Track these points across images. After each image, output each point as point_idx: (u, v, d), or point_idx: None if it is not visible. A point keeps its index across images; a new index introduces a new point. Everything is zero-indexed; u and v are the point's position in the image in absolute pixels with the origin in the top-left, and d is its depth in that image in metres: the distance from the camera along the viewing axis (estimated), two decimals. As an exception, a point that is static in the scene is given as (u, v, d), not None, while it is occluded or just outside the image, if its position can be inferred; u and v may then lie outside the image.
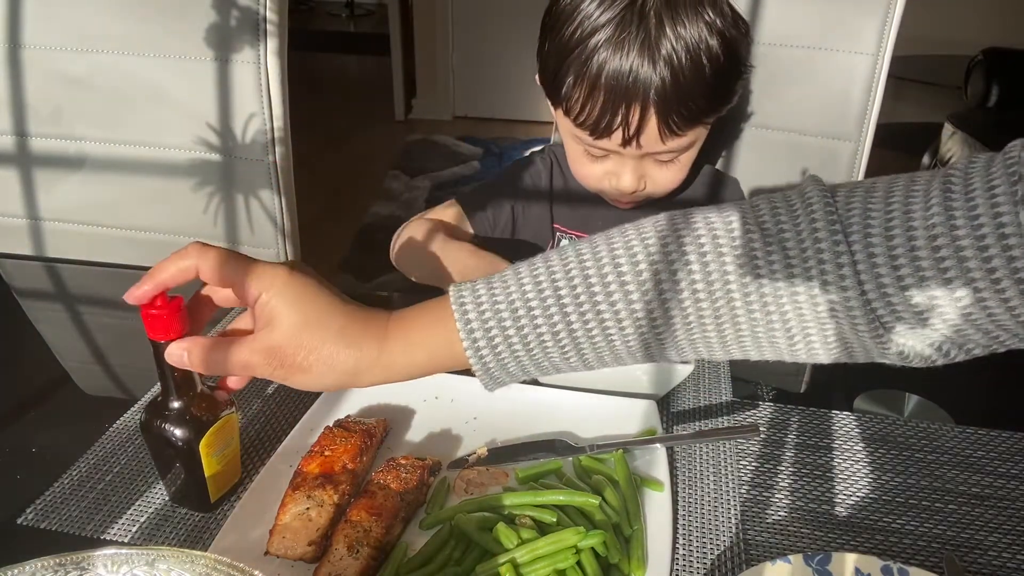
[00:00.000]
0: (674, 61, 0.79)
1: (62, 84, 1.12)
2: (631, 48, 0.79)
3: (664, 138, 0.83)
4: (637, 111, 0.81)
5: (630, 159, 0.87)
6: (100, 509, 0.66)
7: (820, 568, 0.58)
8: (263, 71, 1.06)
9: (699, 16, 0.80)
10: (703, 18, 0.80)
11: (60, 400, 0.82)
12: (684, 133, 0.84)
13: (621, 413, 0.74)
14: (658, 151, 0.86)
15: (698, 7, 0.80)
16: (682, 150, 0.87)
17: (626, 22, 0.79)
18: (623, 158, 0.87)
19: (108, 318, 0.99)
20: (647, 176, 0.90)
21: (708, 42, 0.80)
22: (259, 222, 1.14)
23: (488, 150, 3.79)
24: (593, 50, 0.80)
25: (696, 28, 0.80)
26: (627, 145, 0.84)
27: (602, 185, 0.93)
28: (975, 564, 0.62)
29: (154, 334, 0.59)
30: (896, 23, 1.00)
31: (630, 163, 0.88)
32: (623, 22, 0.79)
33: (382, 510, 0.61)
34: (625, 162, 0.88)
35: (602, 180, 0.91)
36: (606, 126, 0.83)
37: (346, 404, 0.76)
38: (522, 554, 0.58)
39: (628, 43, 0.79)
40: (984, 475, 0.70)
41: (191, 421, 0.62)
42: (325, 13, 6.38)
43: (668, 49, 0.79)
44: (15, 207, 1.19)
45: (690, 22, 0.79)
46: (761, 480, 0.69)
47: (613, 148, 0.86)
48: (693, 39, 0.79)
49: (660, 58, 0.79)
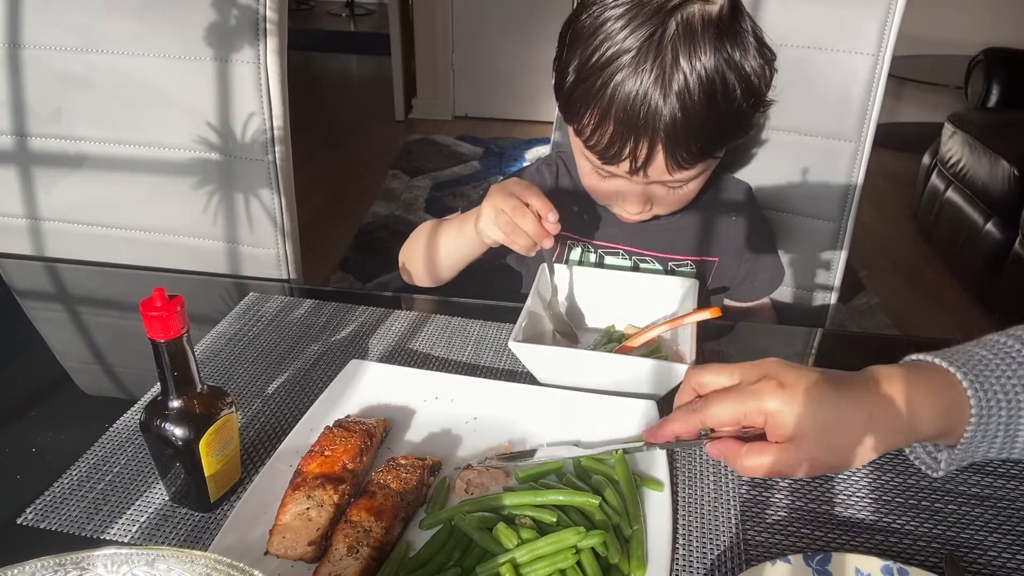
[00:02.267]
0: (686, 97, 0.77)
1: (62, 84, 1.12)
2: (645, 80, 0.77)
3: (672, 171, 0.82)
4: (645, 145, 0.80)
5: (637, 187, 0.87)
6: (100, 509, 0.65)
7: (820, 568, 0.58)
8: (263, 70, 1.06)
9: (718, 51, 0.77)
10: (722, 53, 0.78)
11: (60, 400, 0.81)
12: (692, 166, 0.83)
13: (621, 413, 0.74)
14: (665, 180, 0.85)
15: (718, 42, 0.77)
16: (690, 179, 0.86)
17: (643, 52, 0.77)
18: (630, 183, 0.87)
19: (108, 318, 0.99)
20: (654, 198, 0.89)
21: (725, 76, 0.78)
22: (259, 222, 1.14)
23: (488, 150, 3.79)
24: (609, 77, 0.78)
25: (713, 61, 0.77)
26: (634, 175, 0.84)
27: (609, 200, 0.93)
28: (975, 564, 0.62)
29: (154, 334, 0.59)
30: (896, 23, 1.00)
31: (637, 188, 0.87)
32: (640, 51, 0.77)
33: (382, 510, 0.61)
34: (632, 186, 0.87)
35: (609, 196, 0.92)
36: (615, 154, 0.82)
37: (346, 404, 0.76)
38: (522, 554, 0.58)
39: (642, 75, 0.77)
40: (984, 475, 0.70)
41: (191, 421, 0.62)
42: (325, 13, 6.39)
43: (681, 84, 0.77)
44: (15, 207, 1.19)
45: (707, 56, 0.77)
46: (761, 480, 0.69)
47: (620, 174, 0.85)
48: (708, 74, 0.77)
49: (672, 92, 0.77)
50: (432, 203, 3.24)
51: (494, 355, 0.87)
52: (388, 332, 0.91)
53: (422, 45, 4.13)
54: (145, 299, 0.59)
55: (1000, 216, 2.51)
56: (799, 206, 1.11)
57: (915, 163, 3.20)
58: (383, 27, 4.39)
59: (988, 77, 2.89)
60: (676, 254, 0.99)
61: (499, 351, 0.88)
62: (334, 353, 0.87)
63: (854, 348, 1.01)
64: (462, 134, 3.99)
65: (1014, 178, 2.44)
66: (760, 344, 0.96)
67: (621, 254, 0.99)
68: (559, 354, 0.77)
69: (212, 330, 0.90)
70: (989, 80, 2.89)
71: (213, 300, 1.00)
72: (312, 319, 0.93)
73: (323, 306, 0.96)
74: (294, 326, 0.92)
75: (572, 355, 0.77)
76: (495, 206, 0.84)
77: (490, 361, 0.86)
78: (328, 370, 0.83)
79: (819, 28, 1.04)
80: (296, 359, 0.86)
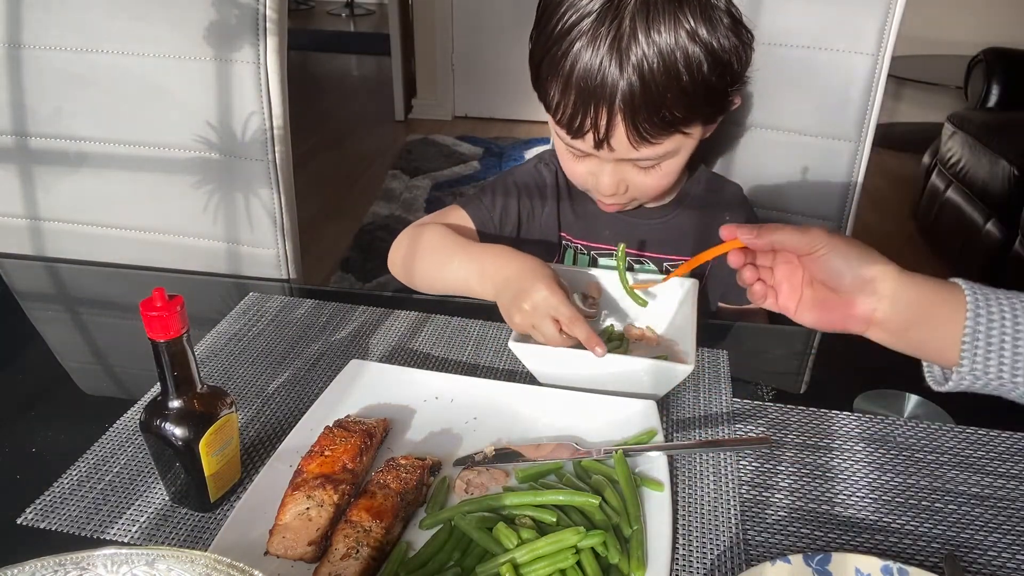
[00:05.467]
0: (644, 68, 0.76)
1: (62, 84, 1.12)
2: (601, 47, 0.77)
3: (635, 144, 0.81)
4: (605, 115, 0.79)
5: (607, 163, 0.86)
6: (100, 509, 0.65)
7: (820, 568, 0.58)
8: (263, 70, 1.06)
9: (678, 23, 0.77)
10: (684, 26, 0.77)
11: (60, 400, 0.81)
12: (658, 141, 0.82)
13: (621, 413, 0.74)
14: (633, 158, 0.84)
15: (679, 14, 0.77)
16: (660, 158, 0.85)
17: (601, 18, 0.77)
18: (601, 161, 0.86)
19: (108, 318, 0.99)
20: (627, 181, 0.88)
21: (688, 51, 0.77)
22: (258, 221, 1.14)
23: (488, 150, 3.79)
24: (570, 45, 0.78)
25: (673, 35, 0.76)
26: (599, 148, 0.82)
27: (586, 184, 0.92)
28: (975, 564, 0.61)
29: (154, 334, 0.59)
30: (896, 23, 1.00)
31: (608, 166, 0.86)
32: (599, 18, 0.77)
33: (382, 510, 0.61)
34: (603, 165, 0.86)
35: (586, 179, 0.91)
36: (578, 127, 0.81)
37: (346, 404, 0.76)
38: (522, 554, 0.58)
39: (599, 42, 0.77)
40: (984, 475, 0.70)
41: (191, 421, 0.62)
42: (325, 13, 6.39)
43: (639, 55, 0.76)
44: (15, 207, 1.19)
45: (667, 29, 0.76)
46: (761, 480, 0.69)
47: (588, 150, 0.85)
48: (668, 47, 0.76)
49: (628, 63, 0.76)
50: (432, 203, 3.24)
51: (494, 355, 0.87)
52: (388, 332, 0.91)
53: (422, 45, 4.13)
54: (145, 299, 0.59)
55: (1000, 216, 2.51)
56: (799, 206, 1.11)
57: (915, 163, 3.20)
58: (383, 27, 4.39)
59: (988, 77, 2.89)
60: (670, 254, 0.99)
61: (499, 351, 0.87)
62: (334, 353, 0.87)
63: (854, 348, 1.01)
64: (462, 134, 3.98)
65: (1014, 178, 2.44)
66: (760, 344, 0.96)
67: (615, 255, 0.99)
68: (559, 354, 0.77)
69: (212, 330, 0.90)
70: (989, 80, 2.89)
71: (213, 300, 1.00)
72: (312, 319, 0.93)
73: (323, 306, 0.96)
74: (294, 326, 0.92)
75: (572, 355, 0.77)
76: (531, 322, 0.77)
77: (490, 361, 0.86)
78: (328, 370, 0.83)
79: (819, 28, 1.04)
80: (296, 359, 0.86)
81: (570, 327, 0.74)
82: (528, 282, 0.77)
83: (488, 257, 0.84)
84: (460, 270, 0.87)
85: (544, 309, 0.75)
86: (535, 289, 0.76)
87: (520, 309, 0.77)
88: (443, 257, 0.90)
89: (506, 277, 0.80)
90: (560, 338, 0.75)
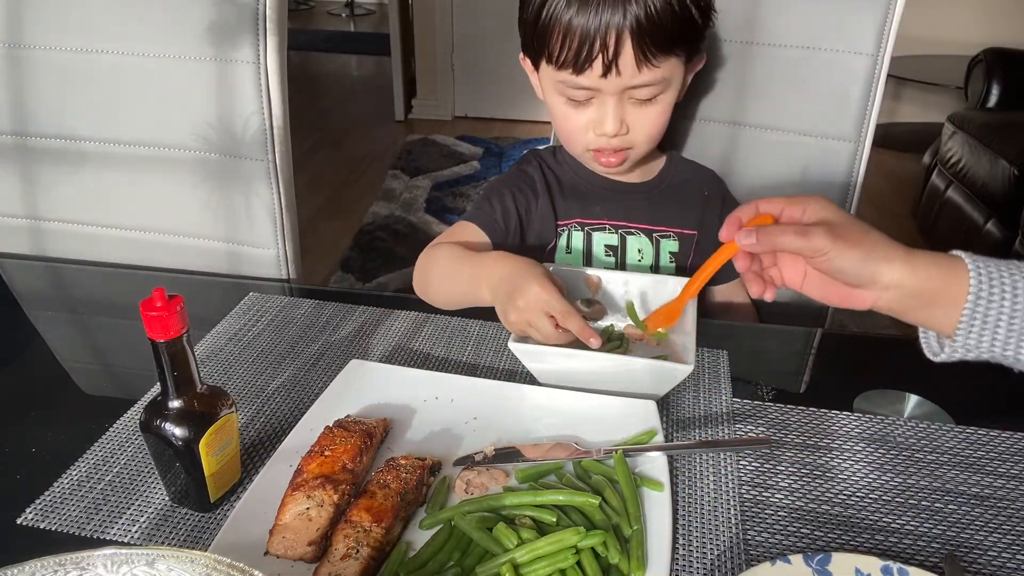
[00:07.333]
0: None
1: (62, 83, 1.12)
2: None
3: (640, 65, 0.86)
4: (614, 34, 0.84)
5: (611, 100, 0.89)
6: (100, 509, 0.65)
7: (820, 568, 0.58)
8: (263, 70, 1.06)
9: None
10: None
11: (60, 400, 0.81)
12: (659, 63, 0.87)
13: (621, 413, 0.74)
14: (636, 84, 0.88)
15: None
16: (658, 84, 0.89)
17: None
18: (604, 100, 0.90)
19: (108, 318, 0.99)
20: (628, 120, 0.92)
21: None
22: (258, 221, 1.14)
23: (488, 150, 3.79)
24: None
25: None
26: (607, 74, 0.86)
27: (587, 137, 0.94)
28: (975, 564, 0.62)
29: (154, 334, 0.59)
30: (896, 23, 1.00)
31: (611, 105, 0.90)
32: None
33: (382, 510, 0.61)
34: (606, 103, 0.90)
35: (587, 131, 0.93)
36: (586, 56, 0.85)
37: (346, 404, 0.76)
38: (522, 554, 0.58)
39: None
40: (984, 475, 0.70)
41: (191, 421, 0.62)
42: (325, 13, 6.39)
43: None
44: (15, 207, 1.19)
45: None
46: (761, 480, 0.69)
47: (593, 84, 0.88)
48: None
49: None
50: (432, 203, 3.24)
51: (494, 355, 0.87)
52: (388, 332, 0.91)
53: (422, 45, 4.13)
54: (145, 299, 0.59)
55: (1000, 216, 2.51)
56: (799, 206, 1.11)
57: (915, 163, 3.20)
58: (383, 27, 4.39)
59: (988, 77, 2.89)
60: (658, 226, 1.02)
61: (499, 351, 0.88)
62: (334, 353, 0.87)
63: (854, 348, 1.01)
64: (462, 134, 3.98)
65: (1014, 178, 2.44)
66: (760, 344, 0.96)
67: (608, 229, 1.02)
68: (559, 354, 0.77)
69: (212, 330, 0.90)
70: (989, 80, 2.89)
71: (213, 300, 1.00)
72: (312, 319, 0.93)
73: (323, 306, 0.96)
74: (294, 326, 0.92)
75: (572, 355, 0.77)
76: (525, 318, 0.78)
77: (490, 361, 0.86)
78: (328, 370, 0.83)
79: (818, 28, 1.04)
80: (296, 359, 0.86)
81: (564, 320, 0.75)
82: (521, 279, 0.78)
83: (486, 263, 0.86)
84: (464, 282, 0.89)
85: (537, 305, 0.76)
86: (528, 286, 0.77)
87: (515, 307, 0.78)
88: (450, 273, 0.92)
89: (500, 277, 0.82)
90: (556, 333, 0.76)
